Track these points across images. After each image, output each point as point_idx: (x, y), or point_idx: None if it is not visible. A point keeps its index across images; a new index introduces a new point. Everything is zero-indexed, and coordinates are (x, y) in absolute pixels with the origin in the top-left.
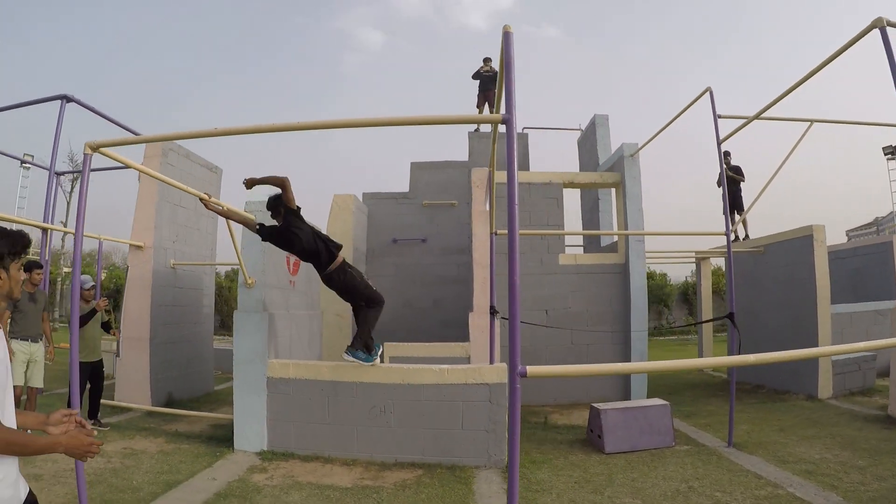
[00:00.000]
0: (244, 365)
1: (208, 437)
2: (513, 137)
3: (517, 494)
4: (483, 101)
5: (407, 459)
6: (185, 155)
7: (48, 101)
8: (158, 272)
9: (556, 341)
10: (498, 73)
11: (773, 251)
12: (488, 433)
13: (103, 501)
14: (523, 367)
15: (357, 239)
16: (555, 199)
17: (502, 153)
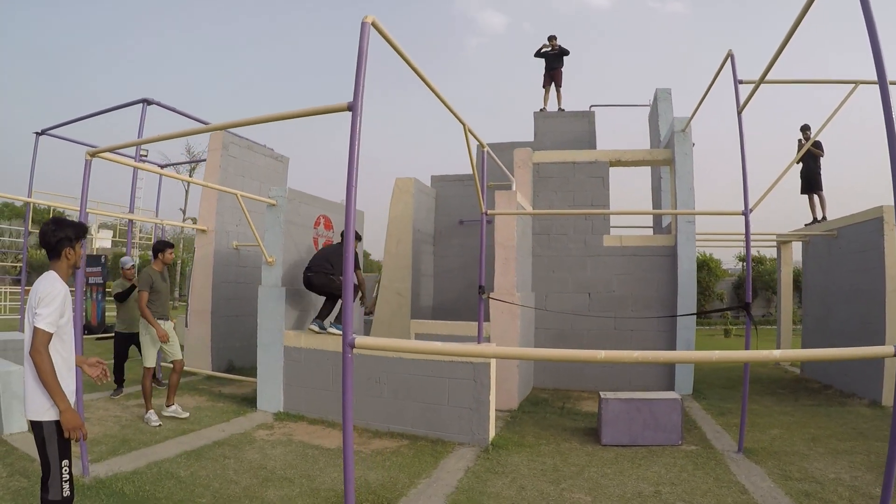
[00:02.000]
0: (265, 334)
1: (243, 398)
2: (356, 126)
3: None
4: (549, 81)
5: (398, 430)
6: (248, 146)
7: (131, 105)
8: (220, 253)
9: (598, 325)
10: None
11: (845, 235)
12: (472, 411)
13: (122, 438)
14: (353, 337)
15: (419, 221)
16: (601, 178)
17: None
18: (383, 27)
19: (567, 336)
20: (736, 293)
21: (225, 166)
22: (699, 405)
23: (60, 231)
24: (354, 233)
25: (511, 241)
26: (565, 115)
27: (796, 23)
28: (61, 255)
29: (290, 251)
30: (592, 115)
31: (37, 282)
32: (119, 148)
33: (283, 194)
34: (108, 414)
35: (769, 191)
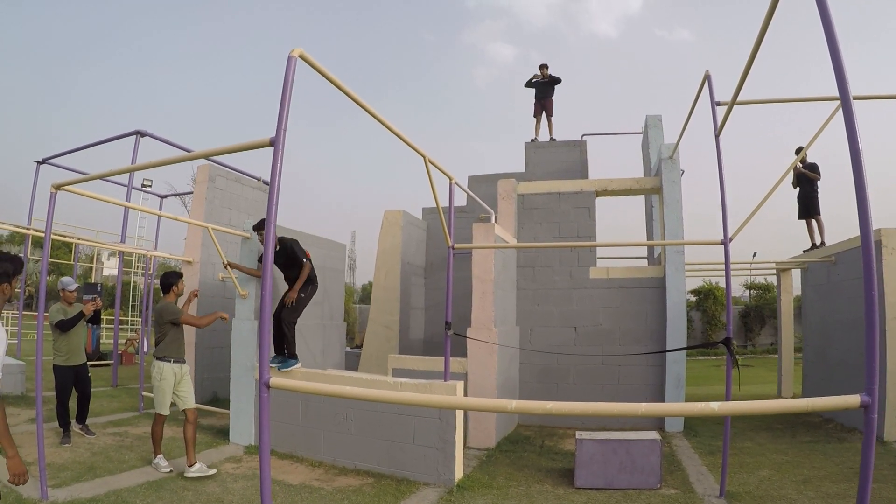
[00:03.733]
0: (238, 368)
1: (220, 430)
2: (278, 161)
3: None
4: (540, 110)
5: (364, 467)
6: (235, 179)
7: (125, 136)
8: (205, 284)
9: (586, 360)
10: (553, 79)
11: (843, 260)
12: (437, 450)
13: (90, 465)
14: (269, 377)
15: (408, 253)
16: (587, 209)
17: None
18: (313, 59)
19: (553, 371)
20: (743, 322)
21: (211, 198)
22: (689, 443)
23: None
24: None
25: (489, 275)
26: (556, 145)
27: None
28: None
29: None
30: (584, 145)
31: None
32: (84, 181)
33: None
34: (83, 440)
35: (749, 218)
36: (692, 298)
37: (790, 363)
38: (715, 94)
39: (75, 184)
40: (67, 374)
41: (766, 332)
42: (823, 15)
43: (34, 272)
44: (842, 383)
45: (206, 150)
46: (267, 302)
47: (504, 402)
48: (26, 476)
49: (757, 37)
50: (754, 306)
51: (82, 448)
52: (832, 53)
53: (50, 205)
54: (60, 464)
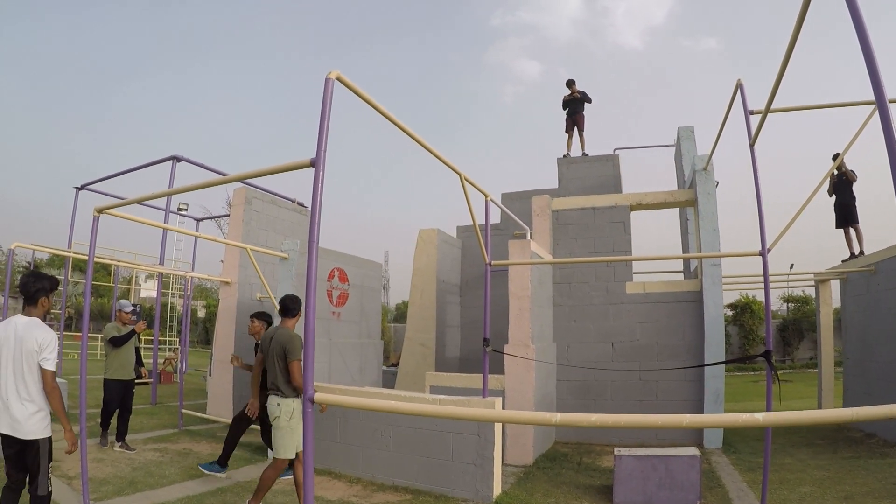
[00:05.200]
0: None
1: (259, 446)
2: (319, 182)
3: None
4: (571, 126)
5: (402, 483)
6: (271, 200)
7: (161, 162)
8: (244, 304)
9: (623, 376)
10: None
11: (883, 269)
12: (476, 467)
13: (131, 480)
14: (313, 392)
15: (443, 272)
16: (622, 223)
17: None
18: (349, 80)
19: (590, 388)
20: (781, 336)
21: (248, 220)
22: (728, 460)
23: (39, 282)
24: None
25: (526, 292)
26: (589, 160)
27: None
28: (38, 303)
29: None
30: (617, 159)
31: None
32: (124, 204)
33: (294, 248)
34: (122, 456)
35: (787, 228)
36: (729, 313)
37: (830, 377)
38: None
39: (117, 207)
40: (117, 388)
41: (804, 346)
42: (855, 16)
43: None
44: (884, 397)
45: (247, 171)
46: (311, 320)
47: (549, 415)
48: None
49: (788, 44)
50: (792, 319)
51: (123, 463)
52: (866, 55)
53: (93, 228)
54: (102, 478)
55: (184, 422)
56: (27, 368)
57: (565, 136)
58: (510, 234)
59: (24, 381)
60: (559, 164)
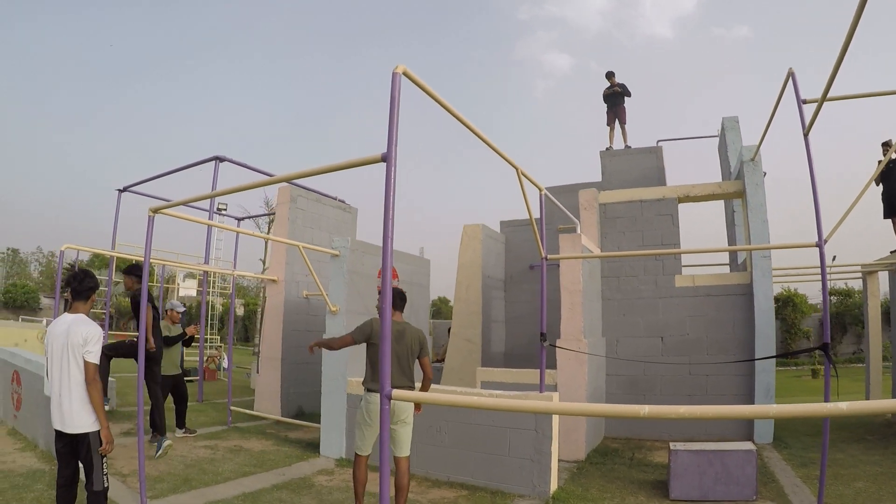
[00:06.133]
0: (329, 382)
1: (309, 443)
2: (391, 178)
3: None
4: (613, 118)
5: (458, 479)
6: (316, 199)
7: (204, 162)
8: (291, 302)
9: (672, 370)
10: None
11: None
12: (533, 462)
13: (185, 477)
14: (390, 389)
15: (488, 267)
16: (669, 216)
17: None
18: (415, 76)
19: (639, 382)
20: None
21: (293, 218)
22: (779, 455)
23: (88, 281)
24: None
25: (577, 286)
26: (632, 153)
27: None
28: (88, 300)
29: (353, 300)
30: (660, 151)
31: (74, 324)
32: (177, 205)
33: (345, 245)
34: (175, 453)
35: (844, 217)
36: None
37: (878, 372)
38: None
39: (170, 207)
40: (166, 383)
41: (847, 339)
42: None
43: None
44: None
45: (319, 167)
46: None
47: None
48: (112, 445)
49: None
50: (835, 313)
51: (176, 461)
52: None
53: (148, 228)
54: (156, 476)
55: (232, 419)
56: (73, 363)
57: (607, 128)
58: (554, 229)
59: (72, 377)
60: (602, 157)
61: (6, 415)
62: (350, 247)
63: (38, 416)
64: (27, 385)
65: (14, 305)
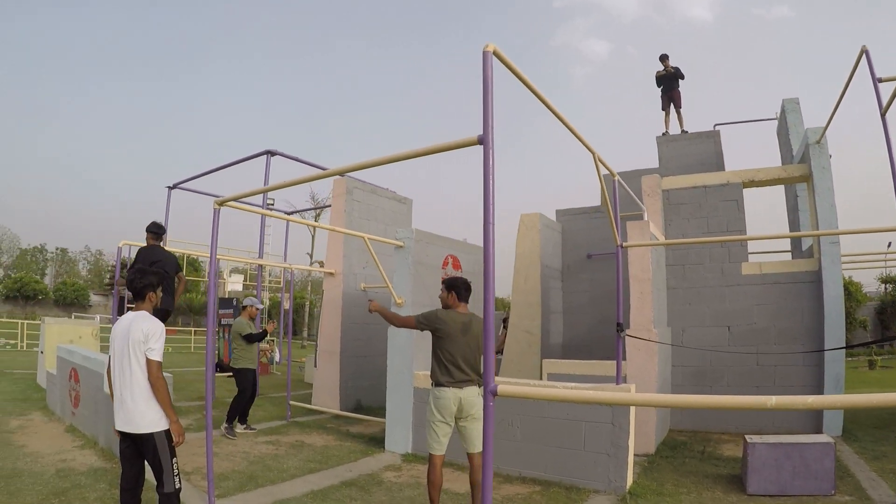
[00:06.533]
0: (395, 376)
1: (371, 437)
2: (489, 160)
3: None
4: (668, 102)
5: (529, 474)
6: (371, 190)
7: (257, 156)
8: (349, 295)
9: (740, 362)
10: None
11: None
12: (609, 457)
13: (250, 474)
14: (495, 385)
15: (546, 256)
16: (734, 202)
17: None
18: (504, 55)
19: (706, 374)
20: (879, 319)
21: (350, 210)
22: (850, 448)
23: (144, 279)
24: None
25: (647, 274)
26: (689, 138)
27: None
28: (145, 298)
29: (419, 292)
30: (718, 135)
31: (135, 321)
32: (244, 196)
33: (410, 235)
34: (236, 450)
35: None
36: None
37: None
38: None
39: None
40: (251, 376)
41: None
42: None
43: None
44: None
45: (414, 149)
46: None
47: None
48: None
49: None
50: (891, 302)
51: (238, 457)
52: None
53: (214, 220)
54: (220, 473)
55: (291, 413)
56: (135, 360)
57: (662, 113)
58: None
59: (134, 374)
60: (658, 142)
61: (64, 412)
62: (415, 237)
63: (97, 413)
64: (85, 382)
65: (64, 303)
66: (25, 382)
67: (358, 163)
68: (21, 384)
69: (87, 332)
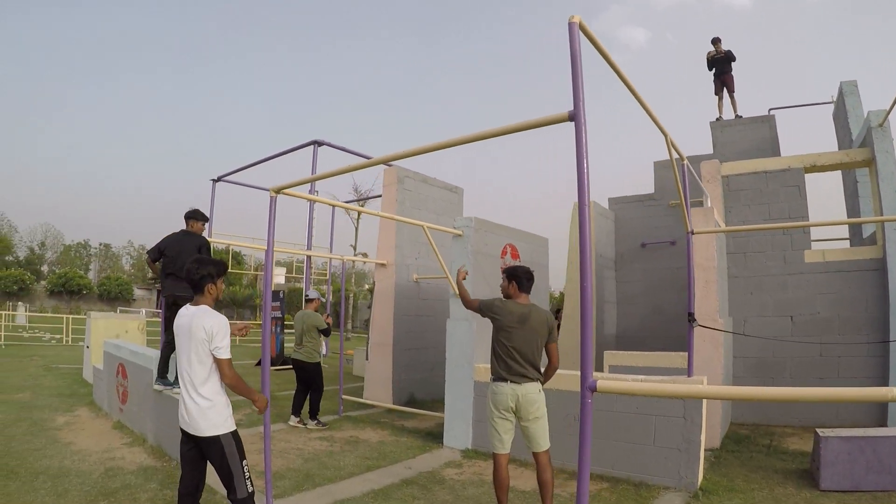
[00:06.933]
0: (454, 369)
1: (428, 433)
2: (582, 136)
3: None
4: (721, 87)
5: (597, 471)
6: (422, 180)
7: (304, 146)
8: (401, 286)
9: (802, 353)
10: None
11: None
12: (681, 452)
13: (306, 472)
14: (594, 380)
15: (601, 245)
16: (796, 187)
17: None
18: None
19: (768, 365)
20: None
21: (402, 200)
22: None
23: (203, 269)
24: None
25: (711, 262)
26: (744, 122)
27: None
28: (204, 291)
29: (478, 283)
30: (773, 120)
31: (196, 317)
32: (300, 184)
33: (469, 224)
34: (289, 446)
35: None
36: None
37: None
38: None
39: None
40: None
41: None
42: None
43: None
44: None
45: (502, 126)
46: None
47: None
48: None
49: None
50: None
51: (292, 454)
52: None
53: (271, 208)
54: (275, 471)
55: (344, 408)
56: (197, 359)
57: (715, 98)
58: (665, 205)
59: (196, 373)
60: (712, 127)
61: (111, 408)
62: (474, 226)
63: (146, 410)
64: (134, 378)
65: (108, 297)
66: (72, 377)
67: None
68: (67, 379)
69: (134, 326)
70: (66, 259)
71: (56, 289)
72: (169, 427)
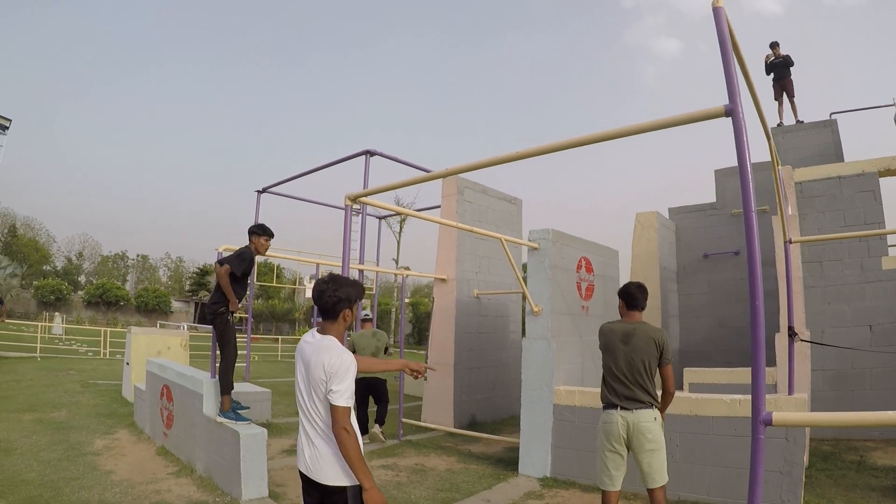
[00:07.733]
0: (531, 391)
1: (498, 459)
2: (741, 131)
3: None
4: (780, 91)
5: (691, 498)
6: (482, 191)
7: (356, 156)
8: (462, 302)
9: (883, 364)
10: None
11: None
12: (783, 475)
13: None
14: (768, 413)
15: (664, 257)
16: (871, 192)
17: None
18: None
19: (847, 377)
20: None
21: (462, 212)
22: None
23: (341, 291)
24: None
25: (797, 272)
26: (805, 128)
27: None
28: (339, 317)
29: (556, 299)
30: (835, 124)
31: (318, 352)
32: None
33: (546, 236)
34: None
35: None
36: None
37: None
38: None
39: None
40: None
41: None
42: None
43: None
44: None
45: (656, 120)
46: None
47: None
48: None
49: None
50: None
51: None
52: None
53: (346, 216)
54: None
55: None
56: (317, 399)
57: (774, 103)
58: (728, 214)
59: (314, 414)
60: (774, 133)
61: (154, 432)
62: (551, 238)
63: (194, 437)
64: (181, 402)
65: (146, 309)
66: (110, 395)
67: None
68: (105, 397)
69: (176, 342)
70: (103, 270)
71: (93, 299)
72: (221, 458)
